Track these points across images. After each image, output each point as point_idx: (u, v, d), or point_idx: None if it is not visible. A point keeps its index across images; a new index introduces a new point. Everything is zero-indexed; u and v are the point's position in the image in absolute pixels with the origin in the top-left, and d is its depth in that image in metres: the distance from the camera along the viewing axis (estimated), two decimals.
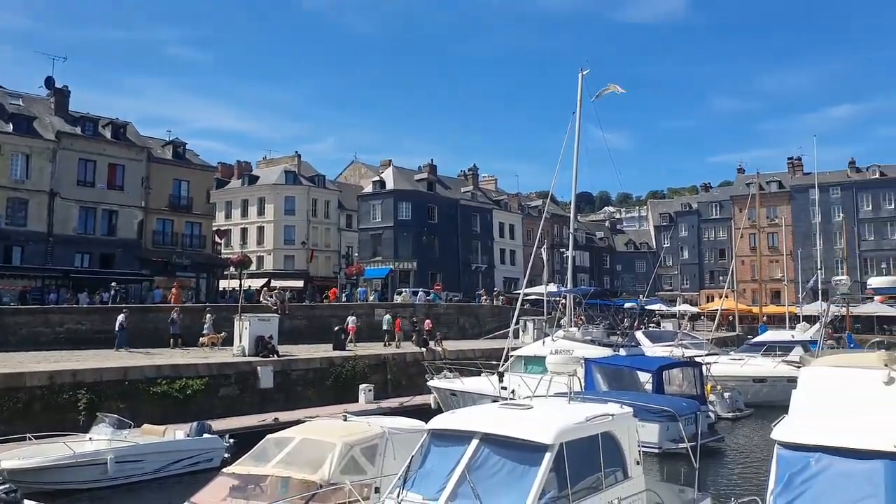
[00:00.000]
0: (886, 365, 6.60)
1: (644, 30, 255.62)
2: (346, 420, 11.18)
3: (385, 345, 30.15)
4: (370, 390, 23.26)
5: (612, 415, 8.54)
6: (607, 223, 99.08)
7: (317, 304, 39.14)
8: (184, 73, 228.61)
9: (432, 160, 70.27)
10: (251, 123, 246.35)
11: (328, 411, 18.94)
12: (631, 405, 9.65)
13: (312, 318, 33.64)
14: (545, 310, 37.07)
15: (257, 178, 68.11)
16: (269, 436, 10.93)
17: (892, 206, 71.19)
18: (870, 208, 72.17)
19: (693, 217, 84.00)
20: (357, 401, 22.62)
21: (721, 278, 67.63)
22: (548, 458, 7.20)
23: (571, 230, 31.39)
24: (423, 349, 28.51)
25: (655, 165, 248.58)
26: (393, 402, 23.25)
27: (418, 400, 23.61)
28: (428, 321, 31.85)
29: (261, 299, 34.42)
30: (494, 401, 12.72)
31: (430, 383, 23.21)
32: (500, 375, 21.02)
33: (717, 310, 46.39)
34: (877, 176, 72.82)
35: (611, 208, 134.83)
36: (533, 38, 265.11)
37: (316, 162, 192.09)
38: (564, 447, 7.40)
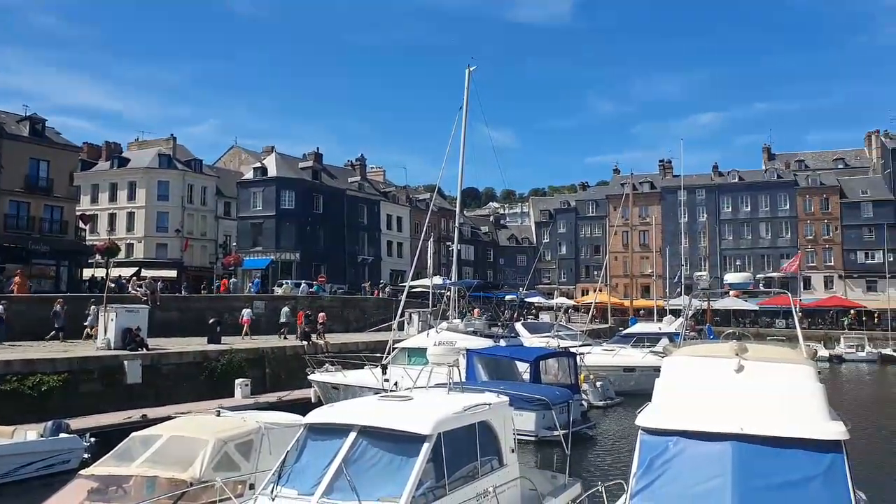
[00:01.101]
0: (737, 354, 7.13)
1: (532, 30, 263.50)
2: (219, 416, 10.68)
3: (283, 337, 29.95)
4: (247, 385, 22.45)
5: (489, 404, 8.69)
6: (492, 218, 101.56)
7: (191, 296, 37.32)
8: (47, 45, 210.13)
9: (318, 149, 68.75)
10: (125, 103, 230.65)
11: (201, 407, 18.05)
12: (507, 394, 9.89)
13: (187, 311, 32.07)
14: (430, 302, 37.40)
15: (128, 160, 63.84)
16: (133, 434, 10.21)
17: (749, 209, 77.78)
18: (730, 210, 78.49)
19: (571, 214, 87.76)
20: (233, 396, 21.80)
21: (596, 273, 71.12)
22: (425, 448, 7.24)
23: (457, 224, 31.88)
24: (305, 342, 27.93)
25: (538, 163, 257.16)
26: (271, 397, 22.57)
27: (298, 394, 23.07)
28: (322, 314, 31.27)
29: (129, 289, 32.38)
30: (377, 394, 12.65)
31: (311, 377, 22.78)
32: (384, 368, 20.98)
33: (591, 303, 48.71)
34: (736, 181, 79.37)
35: (495, 204, 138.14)
36: (425, 32, 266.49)
37: (195, 146, 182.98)
38: (442, 437, 7.47)
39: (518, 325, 35.42)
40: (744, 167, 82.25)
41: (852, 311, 67.33)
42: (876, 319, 64.71)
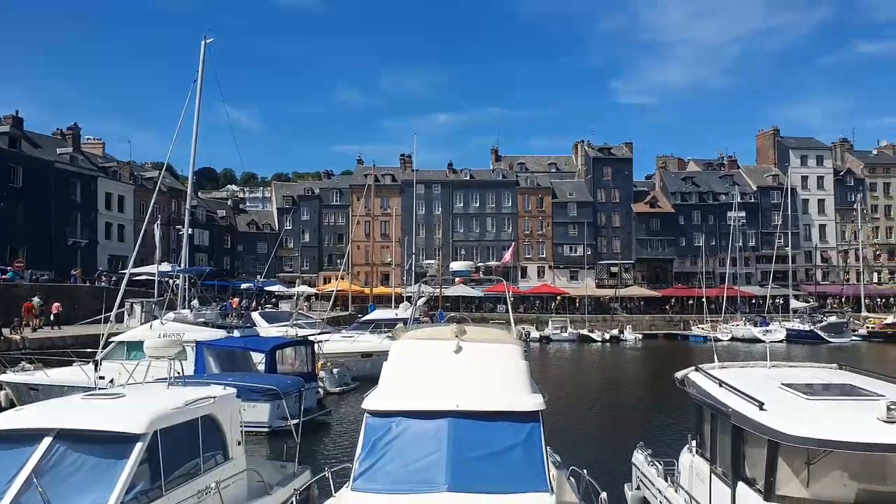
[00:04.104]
0: (456, 336, 7.65)
1: (280, 10, 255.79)
2: None
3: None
4: None
5: (214, 397, 8.37)
6: (230, 202, 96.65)
7: None
8: None
9: (17, 112, 58.54)
10: None
11: None
12: (235, 386, 9.55)
13: None
14: (156, 291, 34.49)
15: None
16: None
17: (478, 205, 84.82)
18: (462, 205, 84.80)
19: (315, 202, 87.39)
20: None
21: (338, 261, 71.78)
22: (138, 448, 6.72)
23: (188, 206, 29.70)
24: None
25: (283, 148, 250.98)
26: None
27: None
28: (57, 304, 26.85)
29: None
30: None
31: (2, 378, 19.59)
32: (97, 364, 18.83)
33: (332, 291, 49.04)
34: (468, 178, 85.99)
35: (234, 187, 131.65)
36: None
37: None
38: (159, 435, 7.01)
39: (255, 315, 34.33)
40: (476, 166, 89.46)
41: (559, 298, 77.47)
42: (577, 304, 75.14)
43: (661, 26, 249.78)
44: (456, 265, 12.94)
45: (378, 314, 40.71)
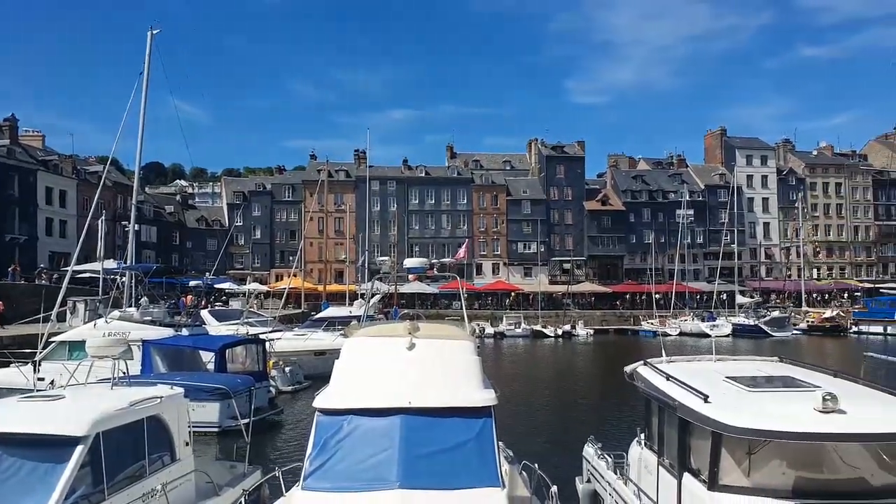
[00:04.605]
0: (410, 333, 7.62)
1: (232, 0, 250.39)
2: None
3: None
4: None
5: (160, 397, 8.18)
6: (179, 197, 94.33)
7: None
8: None
9: None
10: None
11: None
12: (183, 385, 9.36)
13: None
14: (101, 289, 33.41)
15: None
16: None
17: (433, 201, 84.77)
18: (417, 201, 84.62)
19: (267, 197, 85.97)
20: None
21: (291, 258, 70.83)
22: (79, 451, 6.54)
23: (135, 201, 28.91)
24: None
25: (234, 142, 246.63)
26: None
27: None
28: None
29: None
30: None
31: None
32: (36, 365, 18.15)
33: (284, 288, 48.42)
34: (423, 175, 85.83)
35: (183, 182, 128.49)
36: None
37: None
38: (101, 437, 6.82)
39: (205, 313, 33.58)
40: (431, 163, 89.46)
41: (513, 294, 78.13)
42: (531, 300, 75.89)
43: (613, 27, 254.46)
44: (410, 262, 12.90)
45: (331, 312, 40.35)
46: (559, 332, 61.61)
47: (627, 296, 78.78)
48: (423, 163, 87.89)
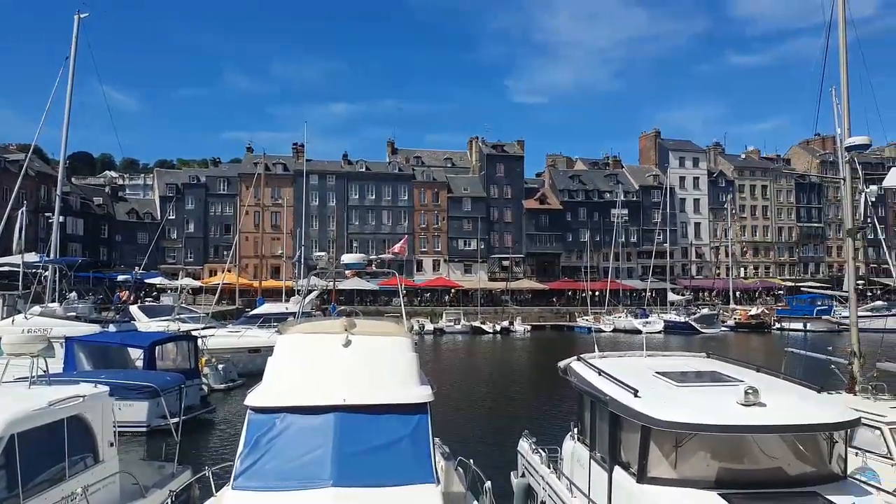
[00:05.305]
0: (346, 330, 7.53)
1: None
2: None
3: None
4: None
5: (83, 396, 7.87)
6: (108, 189, 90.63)
7: None
8: None
9: None
10: None
11: None
12: (108, 383, 9.00)
13: None
14: (21, 283, 31.82)
15: None
16: None
17: (374, 197, 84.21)
18: (357, 197, 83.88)
19: (201, 190, 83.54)
20: None
21: (226, 253, 69.11)
22: None
23: (59, 192, 27.60)
24: None
25: (167, 133, 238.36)
26: None
27: None
28: None
29: None
30: None
31: None
32: None
33: (218, 284, 47.23)
34: (364, 170, 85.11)
35: (113, 173, 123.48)
36: None
37: None
38: (16, 439, 6.55)
39: (134, 309, 32.41)
40: (372, 158, 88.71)
41: (453, 290, 78.52)
42: (470, 297, 76.41)
43: (552, 28, 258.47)
44: (348, 257, 12.77)
45: (267, 308, 39.55)
46: (498, 328, 62.29)
47: (563, 293, 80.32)
48: (363, 157, 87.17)
